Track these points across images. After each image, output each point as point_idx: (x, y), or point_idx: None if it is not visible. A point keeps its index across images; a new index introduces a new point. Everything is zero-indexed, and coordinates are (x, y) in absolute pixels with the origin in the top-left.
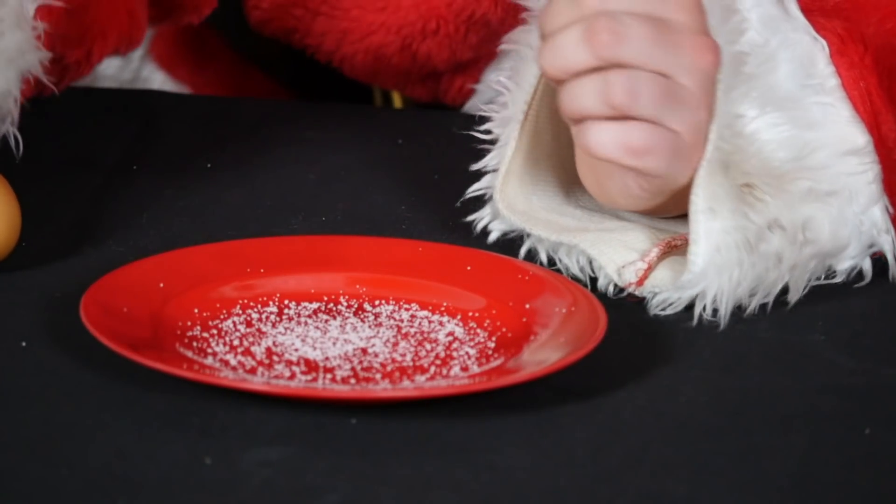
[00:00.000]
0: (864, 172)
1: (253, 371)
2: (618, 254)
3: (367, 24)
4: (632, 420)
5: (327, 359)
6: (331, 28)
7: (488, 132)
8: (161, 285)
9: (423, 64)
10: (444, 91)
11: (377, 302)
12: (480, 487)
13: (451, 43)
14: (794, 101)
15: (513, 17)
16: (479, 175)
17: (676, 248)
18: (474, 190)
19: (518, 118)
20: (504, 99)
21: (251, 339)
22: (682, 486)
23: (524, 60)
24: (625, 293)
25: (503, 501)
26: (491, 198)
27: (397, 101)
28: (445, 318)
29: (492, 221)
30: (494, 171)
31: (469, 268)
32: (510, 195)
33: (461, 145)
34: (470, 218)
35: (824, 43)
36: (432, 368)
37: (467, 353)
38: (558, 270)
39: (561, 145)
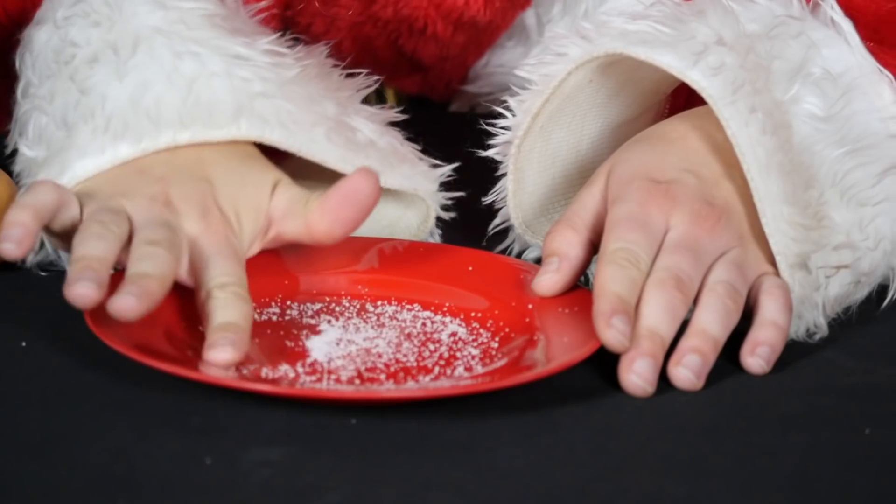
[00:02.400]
0: None
1: (256, 371)
2: None
3: (357, 14)
4: (632, 420)
5: (330, 360)
6: (321, 10)
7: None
8: None
9: (409, 59)
10: (430, 86)
11: (379, 303)
12: (480, 487)
13: (438, 41)
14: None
15: (500, 18)
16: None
17: None
18: (495, 226)
19: (516, 143)
20: (507, 122)
21: None
22: (682, 486)
23: (534, 93)
24: None
25: (503, 501)
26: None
27: (390, 98)
28: (448, 319)
29: (523, 249)
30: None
31: (471, 268)
32: (530, 220)
33: (459, 144)
34: (499, 248)
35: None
36: (436, 369)
37: (471, 353)
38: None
39: (581, 159)
